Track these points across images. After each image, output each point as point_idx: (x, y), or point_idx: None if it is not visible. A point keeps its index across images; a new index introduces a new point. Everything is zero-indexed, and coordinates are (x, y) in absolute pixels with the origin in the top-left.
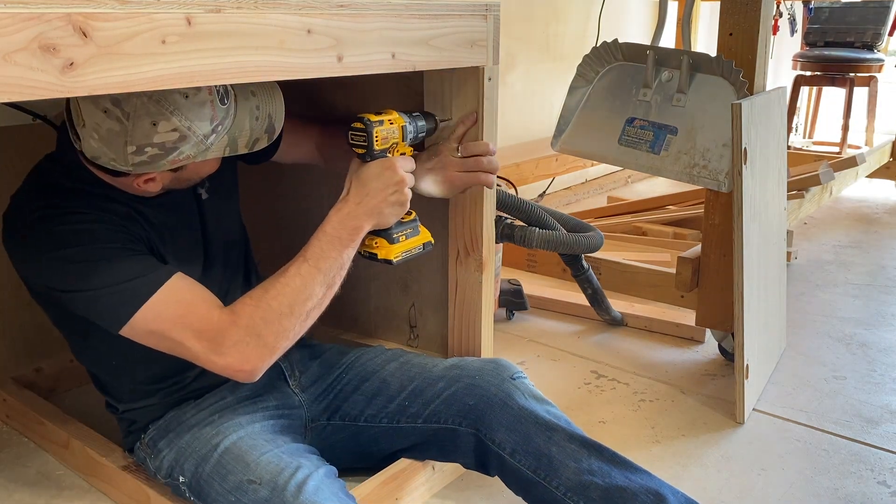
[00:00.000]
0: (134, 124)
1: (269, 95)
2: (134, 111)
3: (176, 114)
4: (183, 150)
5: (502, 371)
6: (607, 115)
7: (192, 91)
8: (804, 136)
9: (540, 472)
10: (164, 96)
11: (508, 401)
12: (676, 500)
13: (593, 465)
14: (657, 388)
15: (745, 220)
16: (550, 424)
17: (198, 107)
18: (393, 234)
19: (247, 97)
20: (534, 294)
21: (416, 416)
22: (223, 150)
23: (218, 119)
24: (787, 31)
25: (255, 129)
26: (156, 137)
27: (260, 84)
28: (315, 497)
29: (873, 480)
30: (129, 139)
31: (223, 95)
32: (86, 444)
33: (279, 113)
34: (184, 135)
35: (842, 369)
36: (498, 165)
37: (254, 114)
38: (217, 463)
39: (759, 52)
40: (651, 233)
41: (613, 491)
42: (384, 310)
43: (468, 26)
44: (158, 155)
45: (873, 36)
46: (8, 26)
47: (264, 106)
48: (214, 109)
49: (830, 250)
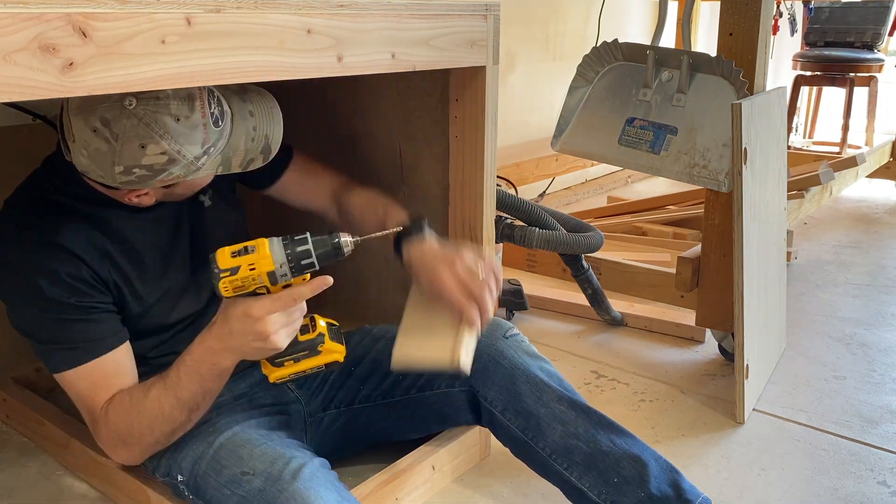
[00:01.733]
0: (122, 146)
1: (267, 116)
2: (123, 132)
3: (166, 137)
4: (172, 171)
5: (495, 330)
6: (607, 115)
7: (184, 114)
8: (804, 136)
9: (528, 431)
10: (154, 119)
11: (500, 359)
12: (658, 465)
13: (580, 427)
14: (657, 388)
15: (745, 220)
16: (541, 383)
17: (189, 130)
18: (276, 359)
19: (244, 117)
20: (534, 294)
21: (409, 388)
22: (216, 168)
23: (210, 142)
24: (787, 31)
25: (251, 150)
26: (144, 160)
27: (259, 103)
28: (310, 483)
29: (873, 480)
30: (116, 160)
31: (218, 117)
32: (86, 444)
33: (276, 133)
34: (173, 158)
35: (842, 369)
36: (490, 310)
37: (250, 134)
38: (212, 459)
39: (759, 52)
40: (651, 233)
41: (597, 455)
42: (384, 309)
43: (468, 26)
44: (147, 176)
45: (873, 36)
46: (8, 26)
47: (261, 126)
48: (207, 132)
49: (830, 250)
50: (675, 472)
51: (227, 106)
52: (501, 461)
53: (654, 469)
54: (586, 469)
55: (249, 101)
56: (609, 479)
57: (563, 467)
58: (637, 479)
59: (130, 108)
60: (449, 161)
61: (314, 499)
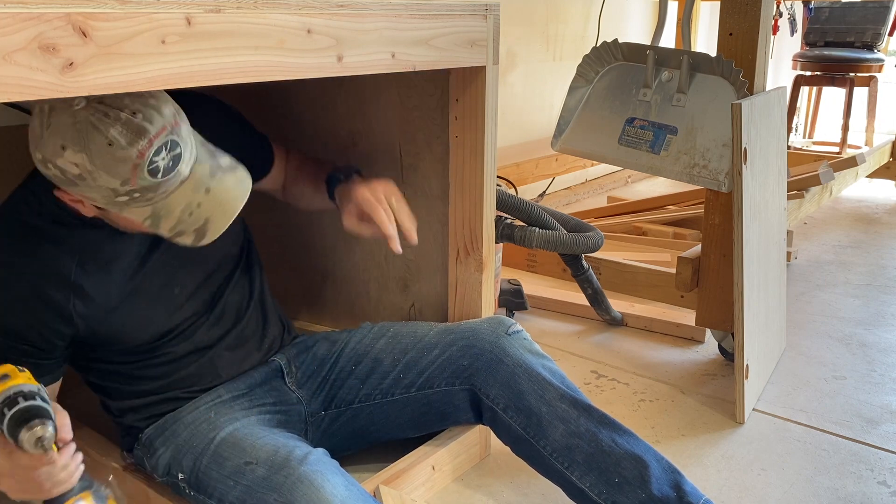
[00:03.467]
0: (49, 137)
1: (221, 206)
2: (55, 125)
3: (86, 151)
4: (83, 189)
5: (497, 327)
6: (607, 115)
7: (119, 144)
8: (804, 136)
9: (529, 430)
10: (88, 130)
11: (503, 357)
12: (659, 466)
13: (581, 427)
14: (657, 388)
15: (745, 220)
16: (544, 381)
17: (113, 162)
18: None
19: (197, 189)
20: (534, 294)
21: (409, 386)
22: (143, 218)
23: (135, 185)
24: (787, 31)
25: (184, 222)
26: (59, 161)
27: (226, 191)
28: (317, 467)
29: (873, 480)
30: (39, 146)
31: (162, 169)
32: (86, 444)
33: (218, 225)
34: (83, 175)
35: (842, 369)
36: (389, 216)
37: (190, 207)
38: (214, 453)
39: (759, 52)
40: (651, 233)
41: (598, 455)
42: (384, 309)
43: (468, 26)
44: (60, 179)
45: (873, 36)
46: (8, 26)
47: (208, 210)
48: (136, 174)
49: (830, 250)
50: (676, 474)
51: (187, 168)
52: (501, 461)
53: (655, 470)
54: (587, 468)
55: (221, 182)
56: (610, 479)
57: (564, 466)
58: (638, 479)
59: (75, 108)
60: (449, 161)
61: (322, 481)
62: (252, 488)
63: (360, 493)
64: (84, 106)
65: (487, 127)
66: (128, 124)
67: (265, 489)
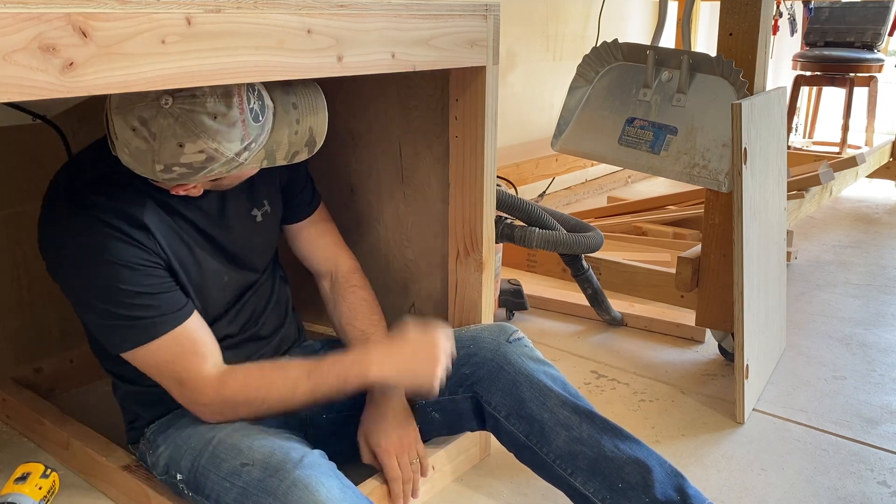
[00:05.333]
0: (161, 144)
1: (311, 108)
2: (160, 132)
3: (203, 136)
4: (212, 168)
5: (499, 335)
6: (607, 115)
7: (220, 112)
8: (804, 136)
9: (532, 437)
10: (190, 118)
11: (504, 364)
12: (662, 470)
13: (583, 433)
14: (657, 388)
15: (745, 220)
16: (545, 388)
17: (226, 128)
18: None
19: (287, 110)
20: (534, 294)
21: (412, 398)
22: (260, 162)
23: (251, 137)
24: (787, 31)
25: (294, 143)
26: (183, 158)
27: (303, 94)
28: (312, 471)
29: (873, 480)
30: (156, 158)
31: (258, 112)
32: (86, 444)
33: (320, 125)
34: (211, 156)
35: (842, 369)
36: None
37: (293, 127)
38: (211, 454)
39: (759, 53)
40: (651, 233)
41: (601, 460)
42: (384, 309)
43: (468, 26)
44: (187, 173)
45: (873, 36)
46: (8, 26)
47: (305, 119)
48: (246, 128)
49: (830, 250)
50: (680, 478)
51: (268, 99)
52: (501, 461)
53: (658, 474)
54: (591, 474)
55: (293, 92)
56: (613, 484)
57: (568, 472)
58: (641, 484)
59: (167, 108)
60: (449, 161)
61: (316, 485)
62: (248, 491)
63: (355, 496)
64: (172, 102)
65: (487, 127)
66: (213, 94)
67: (260, 492)
